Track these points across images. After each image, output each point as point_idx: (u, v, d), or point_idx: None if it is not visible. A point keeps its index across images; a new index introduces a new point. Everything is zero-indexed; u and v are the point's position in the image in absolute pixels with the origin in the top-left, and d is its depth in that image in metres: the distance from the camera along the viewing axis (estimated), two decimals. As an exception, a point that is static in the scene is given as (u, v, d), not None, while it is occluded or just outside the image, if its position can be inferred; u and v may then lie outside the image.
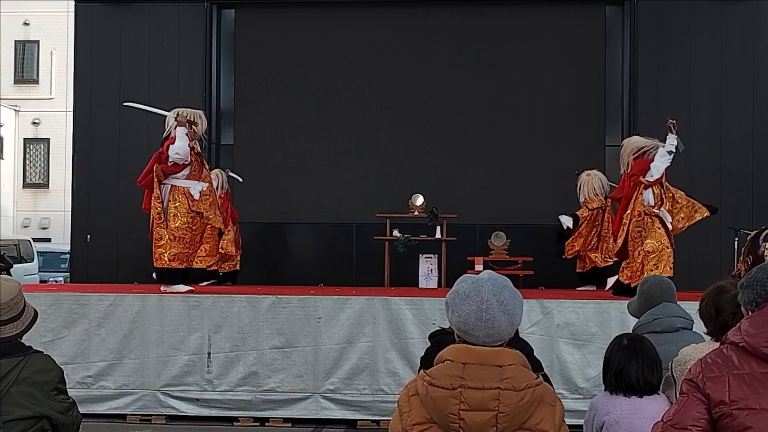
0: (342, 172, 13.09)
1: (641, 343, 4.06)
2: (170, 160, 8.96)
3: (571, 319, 8.44)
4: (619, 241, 9.14)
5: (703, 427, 2.80)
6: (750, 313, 2.94)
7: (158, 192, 9.02)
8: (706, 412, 2.80)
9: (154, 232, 9.04)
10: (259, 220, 12.97)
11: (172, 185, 9.04)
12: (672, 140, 9.05)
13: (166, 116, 9.40)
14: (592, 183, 11.09)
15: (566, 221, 11.11)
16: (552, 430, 2.66)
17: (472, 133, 13.08)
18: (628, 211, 9.06)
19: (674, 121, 9.19)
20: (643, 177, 9.02)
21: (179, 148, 8.93)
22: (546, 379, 3.23)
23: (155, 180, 8.97)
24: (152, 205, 9.03)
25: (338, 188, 13.05)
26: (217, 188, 10.69)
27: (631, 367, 3.93)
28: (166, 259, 8.94)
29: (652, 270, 8.75)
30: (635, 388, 3.91)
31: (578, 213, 11.10)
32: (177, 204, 9.00)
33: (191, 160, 9.09)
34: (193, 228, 9.12)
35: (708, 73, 12.50)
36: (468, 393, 2.63)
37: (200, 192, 9.13)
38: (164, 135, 9.25)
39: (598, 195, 11.08)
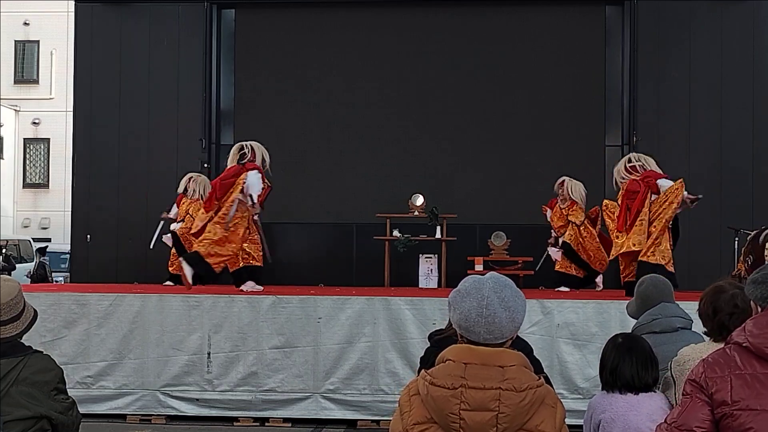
0: (342, 172, 13.09)
1: (636, 341, 4.07)
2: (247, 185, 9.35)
3: (571, 319, 8.44)
4: (641, 237, 9.04)
5: (708, 428, 2.79)
6: (760, 309, 2.93)
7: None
8: (710, 413, 2.79)
9: (224, 236, 9.25)
10: (259, 220, 12.96)
11: (239, 199, 9.35)
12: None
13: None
14: (579, 188, 10.88)
15: (554, 254, 11.01)
16: (552, 431, 2.67)
17: (472, 133, 13.07)
18: (645, 208, 9.00)
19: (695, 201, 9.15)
20: (658, 181, 9.04)
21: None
22: (547, 381, 3.23)
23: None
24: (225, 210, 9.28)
25: (338, 188, 13.04)
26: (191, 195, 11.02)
27: (625, 365, 3.93)
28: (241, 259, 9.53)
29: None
30: (631, 386, 3.92)
31: (566, 239, 10.80)
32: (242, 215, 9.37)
33: None
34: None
35: (708, 73, 12.50)
36: (469, 393, 2.63)
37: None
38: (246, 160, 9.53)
39: (581, 201, 10.91)
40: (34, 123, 29.26)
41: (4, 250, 16.67)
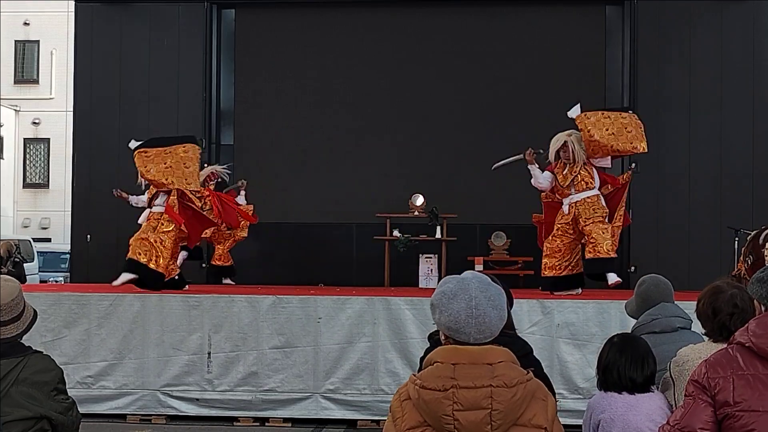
0: (342, 172, 13.08)
1: (630, 341, 4.07)
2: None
3: (571, 319, 8.44)
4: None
5: (711, 429, 2.79)
6: (763, 308, 2.92)
7: None
8: (713, 414, 2.79)
9: None
10: (259, 220, 12.96)
11: None
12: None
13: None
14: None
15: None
16: (545, 424, 2.67)
17: (472, 133, 13.07)
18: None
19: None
20: None
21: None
22: (545, 378, 3.23)
23: None
24: None
25: (338, 188, 13.04)
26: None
27: (614, 364, 3.95)
28: None
29: None
30: (619, 385, 3.92)
31: None
32: None
33: None
34: None
35: (708, 73, 12.49)
36: (461, 393, 2.63)
37: None
38: None
39: None
40: (34, 123, 29.24)
41: (18, 253, 16.66)
